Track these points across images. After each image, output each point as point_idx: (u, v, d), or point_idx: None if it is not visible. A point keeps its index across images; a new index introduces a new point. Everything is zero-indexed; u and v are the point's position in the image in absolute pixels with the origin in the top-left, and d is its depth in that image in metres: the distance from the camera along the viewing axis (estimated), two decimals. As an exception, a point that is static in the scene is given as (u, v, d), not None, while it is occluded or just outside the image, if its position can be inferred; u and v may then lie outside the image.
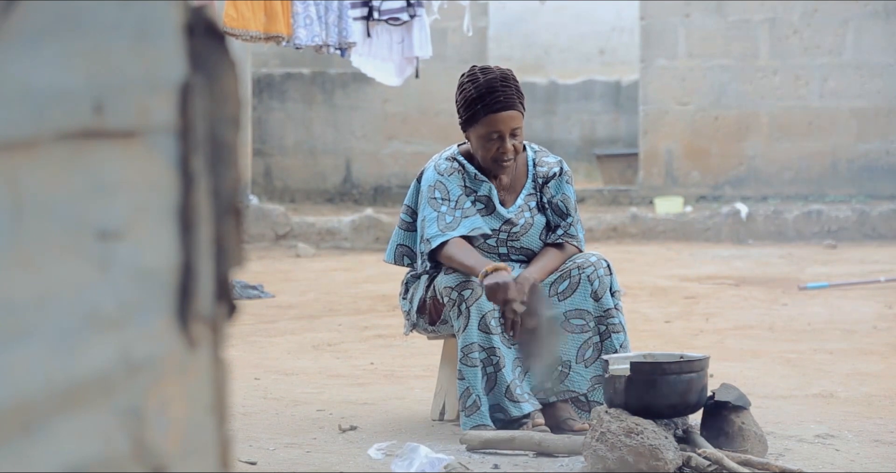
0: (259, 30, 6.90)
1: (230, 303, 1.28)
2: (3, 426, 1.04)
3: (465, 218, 4.28)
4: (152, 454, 1.18)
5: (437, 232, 4.24)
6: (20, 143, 1.06)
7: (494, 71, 4.27)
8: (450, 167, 4.34)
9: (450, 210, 4.28)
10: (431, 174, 4.34)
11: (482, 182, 4.36)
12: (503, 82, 4.23)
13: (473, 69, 4.31)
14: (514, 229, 4.37)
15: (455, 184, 4.32)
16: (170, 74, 1.21)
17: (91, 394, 1.12)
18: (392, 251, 4.47)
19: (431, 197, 4.30)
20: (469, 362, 4.16)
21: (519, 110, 4.25)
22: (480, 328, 4.15)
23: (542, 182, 4.44)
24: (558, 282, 4.30)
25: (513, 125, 4.24)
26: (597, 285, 4.27)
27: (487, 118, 4.22)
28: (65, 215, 1.10)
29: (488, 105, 4.21)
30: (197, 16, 1.23)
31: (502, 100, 4.22)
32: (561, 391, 4.26)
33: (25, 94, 1.07)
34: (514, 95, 4.25)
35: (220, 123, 1.25)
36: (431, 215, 4.28)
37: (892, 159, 12.65)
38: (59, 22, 1.10)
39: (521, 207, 4.40)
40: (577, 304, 4.28)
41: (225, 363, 1.29)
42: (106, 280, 1.14)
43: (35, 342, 1.07)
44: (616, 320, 4.27)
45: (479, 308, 4.16)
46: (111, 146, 1.15)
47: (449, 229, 4.25)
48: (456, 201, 4.30)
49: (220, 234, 1.26)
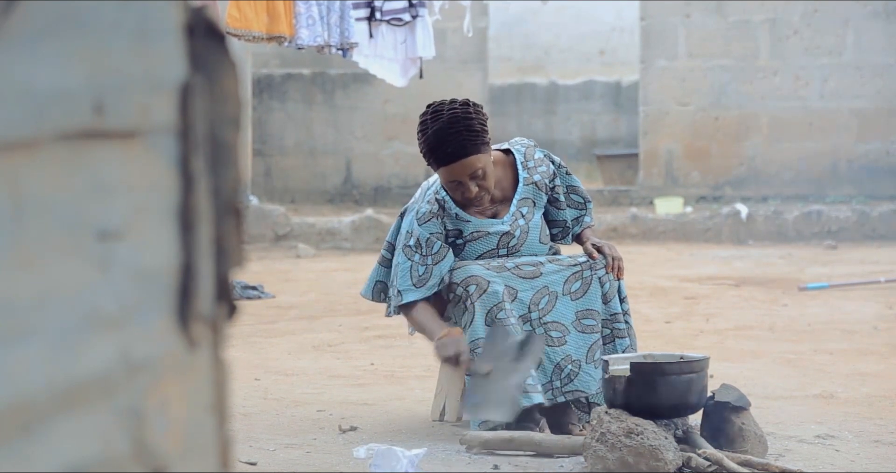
0: (261, 30, 6.90)
1: (230, 303, 1.28)
2: (3, 426, 1.04)
3: (435, 265, 4.26)
4: (152, 454, 1.18)
5: (409, 286, 4.25)
6: (20, 143, 1.06)
7: (444, 116, 4.14)
8: (428, 213, 4.29)
9: (422, 259, 4.26)
10: (411, 219, 4.31)
11: (466, 222, 4.33)
12: (451, 130, 4.12)
13: (425, 115, 4.20)
14: (512, 242, 4.36)
15: (429, 231, 4.29)
16: (170, 74, 1.21)
17: (91, 394, 1.12)
18: (370, 288, 4.46)
19: (406, 244, 4.29)
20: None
21: (474, 154, 4.14)
22: (487, 323, 4.15)
23: (551, 186, 4.44)
24: (572, 280, 4.29)
25: (470, 171, 4.17)
26: (607, 288, 4.29)
27: (441, 170, 4.19)
28: (65, 215, 1.10)
29: (439, 158, 4.16)
30: (197, 16, 1.23)
31: (451, 151, 4.13)
32: (569, 390, 4.25)
33: (25, 94, 1.07)
34: (466, 141, 4.13)
35: (220, 123, 1.25)
36: (405, 264, 4.27)
37: (892, 160, 12.65)
38: (59, 22, 1.10)
39: (514, 214, 4.38)
40: (589, 304, 4.28)
41: (225, 363, 1.29)
42: (106, 280, 1.14)
43: (35, 342, 1.07)
44: (622, 325, 4.29)
45: (484, 303, 4.16)
46: (111, 146, 1.15)
47: (421, 282, 4.25)
48: (426, 246, 4.27)
49: (220, 234, 1.26)
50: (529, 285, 4.26)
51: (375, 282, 4.44)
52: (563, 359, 4.25)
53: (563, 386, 4.25)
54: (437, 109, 4.18)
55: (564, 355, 4.25)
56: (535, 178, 4.41)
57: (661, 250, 11.04)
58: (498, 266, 4.26)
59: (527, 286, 4.26)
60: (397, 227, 4.40)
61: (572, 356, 4.25)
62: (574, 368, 4.25)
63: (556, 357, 4.24)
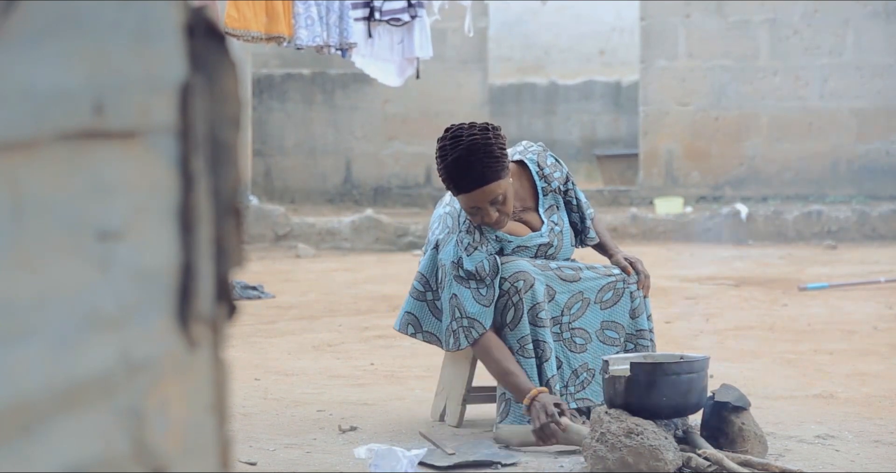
0: (260, 30, 6.90)
1: (230, 303, 1.28)
2: (3, 426, 1.04)
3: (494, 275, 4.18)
4: (152, 454, 1.18)
5: (479, 309, 4.16)
6: (20, 143, 1.06)
7: (463, 142, 4.08)
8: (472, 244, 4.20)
9: (478, 284, 4.17)
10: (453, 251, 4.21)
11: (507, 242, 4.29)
12: (471, 158, 4.06)
13: (444, 141, 4.13)
14: (550, 251, 4.36)
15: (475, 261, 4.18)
16: (170, 74, 1.21)
17: (91, 394, 1.12)
18: (400, 319, 4.40)
19: (456, 275, 4.18)
20: (525, 354, 4.15)
21: (494, 180, 4.10)
22: (530, 322, 4.15)
23: (564, 190, 4.45)
24: (605, 290, 4.29)
25: (490, 197, 4.12)
26: (637, 303, 4.30)
27: (461, 197, 4.15)
28: (65, 215, 1.10)
29: (459, 186, 4.11)
30: (197, 16, 1.23)
31: (470, 180, 4.08)
32: (580, 397, 4.27)
33: (25, 94, 1.07)
34: (486, 168, 4.09)
35: (220, 124, 1.25)
36: (465, 292, 4.17)
37: (892, 159, 12.65)
38: (59, 22, 1.10)
39: (548, 225, 4.38)
40: (615, 316, 4.29)
41: (225, 363, 1.29)
42: (106, 280, 1.14)
43: (35, 342, 1.07)
44: (646, 342, 4.29)
45: (529, 300, 4.15)
46: (111, 146, 1.15)
47: (488, 300, 4.16)
48: (479, 273, 4.17)
49: (220, 234, 1.26)
50: (567, 289, 4.26)
51: (405, 313, 4.37)
52: (580, 366, 4.27)
53: (575, 393, 4.27)
54: (456, 135, 4.11)
55: (582, 362, 4.27)
56: (553, 185, 4.41)
57: (661, 250, 11.04)
58: (542, 265, 4.26)
59: (564, 289, 4.26)
60: (432, 258, 4.30)
61: (589, 364, 4.27)
62: (588, 376, 4.27)
63: (575, 363, 4.26)
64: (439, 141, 4.15)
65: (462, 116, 13.34)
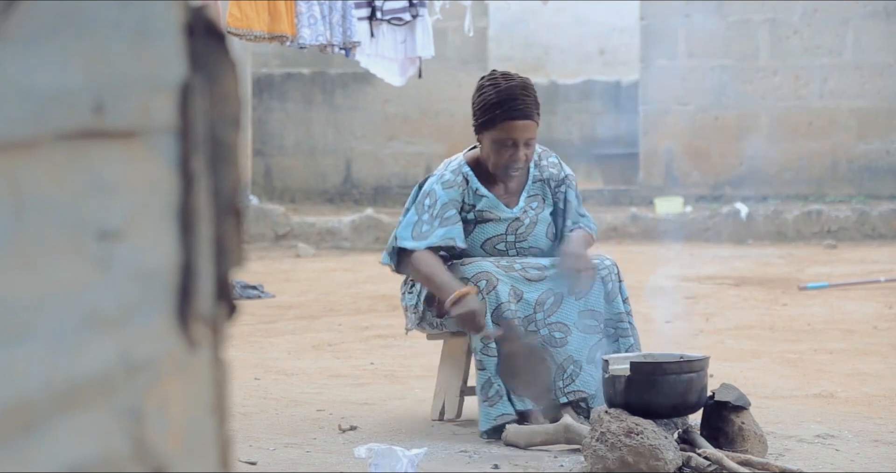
0: (263, 30, 6.89)
1: (230, 303, 1.28)
2: (3, 426, 1.04)
3: (441, 227, 4.30)
4: (152, 454, 1.18)
5: (408, 236, 4.32)
6: (20, 143, 1.06)
7: (516, 78, 4.30)
8: (452, 180, 4.37)
9: (430, 219, 4.32)
10: (432, 182, 4.39)
11: (482, 197, 4.38)
12: (524, 91, 4.27)
13: (495, 74, 4.34)
14: (520, 229, 4.41)
15: (454, 196, 4.34)
16: (170, 74, 1.21)
17: (91, 394, 1.12)
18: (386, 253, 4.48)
19: (420, 202, 4.37)
20: (489, 352, 4.17)
21: (535, 121, 4.29)
22: (494, 320, 4.17)
23: (554, 185, 4.48)
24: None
25: (527, 135, 4.27)
26: (610, 287, 4.32)
27: (504, 124, 4.25)
28: (65, 215, 1.10)
29: (507, 112, 4.24)
30: (197, 16, 1.23)
31: (521, 108, 4.25)
32: (571, 391, 4.28)
33: (25, 94, 1.07)
34: (533, 105, 4.29)
35: (220, 123, 1.25)
36: (412, 218, 4.36)
37: (892, 159, 12.65)
38: (59, 22, 1.10)
39: (523, 208, 4.44)
40: (591, 304, 4.31)
41: (225, 363, 1.29)
42: (106, 280, 1.14)
43: (35, 342, 1.07)
44: (625, 325, 4.31)
45: (493, 299, 4.17)
46: (111, 146, 1.15)
47: (421, 237, 4.31)
48: (440, 208, 4.33)
49: (220, 234, 1.26)
50: (534, 288, 4.28)
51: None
52: (565, 360, 4.28)
53: (565, 387, 4.27)
54: (506, 73, 4.34)
55: (566, 355, 4.28)
56: (544, 175, 4.48)
57: (661, 250, 11.04)
58: (507, 266, 4.29)
59: (531, 288, 4.28)
60: (416, 194, 4.45)
61: (574, 356, 4.28)
62: (576, 369, 4.28)
63: (559, 358, 4.28)
64: (487, 78, 4.33)
65: (462, 116, 13.33)
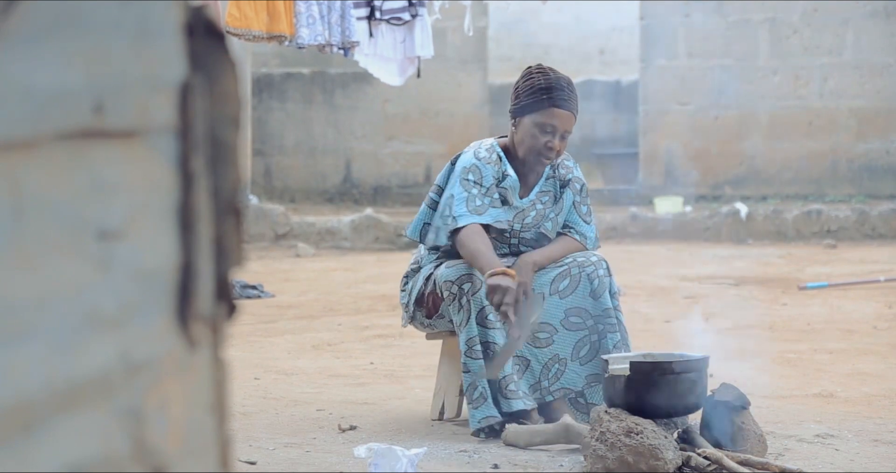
0: (262, 29, 6.89)
1: (230, 303, 1.28)
2: (3, 426, 1.04)
3: (492, 207, 4.34)
4: (152, 454, 1.18)
5: (465, 212, 4.31)
6: (20, 143, 1.06)
7: (563, 74, 4.41)
8: (489, 157, 4.40)
9: (480, 195, 4.36)
10: (469, 157, 4.41)
11: (508, 176, 4.40)
12: (570, 86, 4.39)
13: (542, 66, 4.43)
14: (525, 220, 4.42)
15: (490, 173, 4.38)
16: (170, 73, 1.21)
17: (91, 394, 1.12)
18: (417, 228, 4.49)
19: (465, 178, 4.37)
20: (473, 354, 4.19)
21: (576, 116, 4.39)
22: (478, 322, 4.19)
23: (560, 185, 4.51)
24: (559, 279, 4.34)
25: (567, 127, 4.36)
26: (596, 284, 4.32)
27: (550, 110, 4.32)
28: (65, 215, 1.10)
29: (555, 98, 4.32)
30: (197, 16, 1.23)
31: (567, 99, 4.35)
32: (557, 388, 4.31)
33: (25, 94, 1.07)
34: (576, 101, 4.41)
35: (220, 123, 1.25)
36: (461, 195, 4.35)
37: (892, 159, 12.65)
38: (59, 22, 1.10)
39: (532, 201, 4.46)
40: (577, 302, 4.32)
41: (225, 363, 1.29)
42: (106, 280, 1.14)
43: (35, 342, 1.07)
44: (613, 320, 4.32)
45: (477, 302, 4.19)
46: (111, 146, 1.15)
47: (477, 212, 4.33)
48: (488, 189, 4.37)
49: (220, 234, 1.26)
50: None
51: (423, 223, 4.48)
52: (550, 359, 4.32)
53: (550, 385, 4.32)
54: (552, 68, 4.43)
55: (552, 355, 4.32)
56: (557, 174, 4.53)
57: (660, 250, 11.04)
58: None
59: None
60: (448, 170, 4.46)
61: (559, 355, 4.32)
62: (561, 367, 4.32)
63: (543, 358, 4.31)
64: (534, 68, 4.43)
65: (462, 116, 13.34)
